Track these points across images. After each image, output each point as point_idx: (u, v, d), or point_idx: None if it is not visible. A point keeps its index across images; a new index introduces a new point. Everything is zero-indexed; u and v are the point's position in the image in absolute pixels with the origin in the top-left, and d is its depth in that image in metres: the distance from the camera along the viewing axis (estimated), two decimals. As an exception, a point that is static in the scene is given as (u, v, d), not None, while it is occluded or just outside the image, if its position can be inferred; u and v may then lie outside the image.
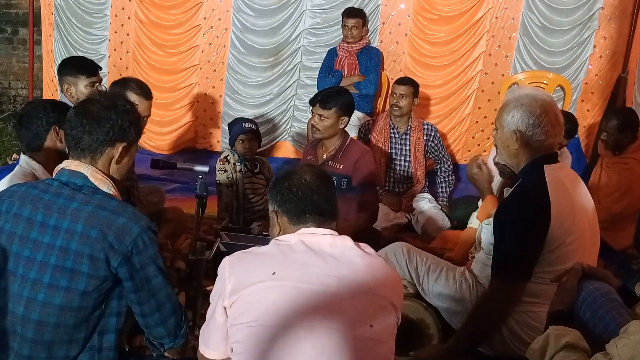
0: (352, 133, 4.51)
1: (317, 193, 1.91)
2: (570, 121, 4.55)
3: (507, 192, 2.80)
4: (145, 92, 3.49)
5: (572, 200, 2.59)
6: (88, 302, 1.94)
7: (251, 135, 4.23)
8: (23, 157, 2.73)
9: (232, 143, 4.29)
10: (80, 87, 3.36)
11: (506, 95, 2.81)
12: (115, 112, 2.04)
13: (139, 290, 1.98)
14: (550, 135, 2.59)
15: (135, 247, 1.94)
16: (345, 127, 3.95)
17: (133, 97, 3.36)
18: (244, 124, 4.25)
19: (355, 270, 1.82)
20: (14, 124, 2.96)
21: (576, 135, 5.47)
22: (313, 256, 1.82)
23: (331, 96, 3.86)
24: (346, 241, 1.89)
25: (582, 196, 2.70)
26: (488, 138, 5.68)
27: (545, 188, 2.52)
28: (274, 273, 1.78)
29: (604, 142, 4.48)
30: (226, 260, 1.87)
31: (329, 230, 1.90)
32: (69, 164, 2.03)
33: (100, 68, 3.59)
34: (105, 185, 2.01)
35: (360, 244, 1.92)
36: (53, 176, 2.06)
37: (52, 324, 1.92)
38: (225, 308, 1.81)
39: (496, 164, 2.88)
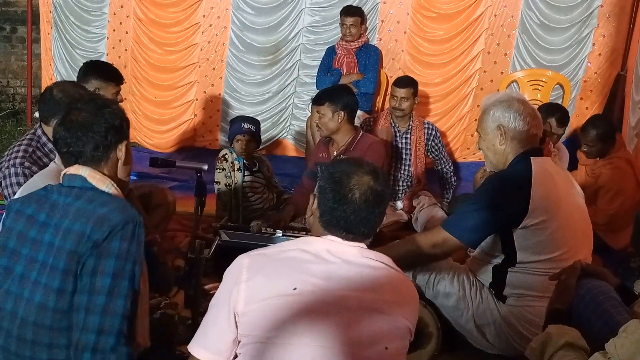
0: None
1: (356, 213, 1.79)
2: (559, 110, 4.58)
3: None
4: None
5: (558, 188, 2.69)
6: (63, 303, 1.82)
7: (249, 136, 4.19)
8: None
9: (230, 142, 4.29)
10: (107, 94, 3.45)
11: (481, 104, 2.95)
12: (103, 114, 1.99)
13: (81, 276, 1.81)
14: (532, 125, 2.76)
15: (110, 235, 1.81)
16: (342, 121, 4.01)
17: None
18: (242, 124, 4.22)
19: (378, 290, 1.76)
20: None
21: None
22: (336, 270, 1.75)
23: (325, 93, 4.09)
24: (370, 254, 1.83)
25: (570, 188, 2.82)
26: (487, 136, 5.67)
27: (530, 172, 2.66)
28: (295, 288, 1.69)
29: (586, 152, 4.47)
30: (246, 261, 1.76)
31: (356, 243, 1.83)
32: (69, 169, 1.99)
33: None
34: (104, 185, 1.96)
35: (384, 258, 1.84)
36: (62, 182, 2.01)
37: (31, 322, 1.83)
38: (235, 314, 1.72)
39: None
